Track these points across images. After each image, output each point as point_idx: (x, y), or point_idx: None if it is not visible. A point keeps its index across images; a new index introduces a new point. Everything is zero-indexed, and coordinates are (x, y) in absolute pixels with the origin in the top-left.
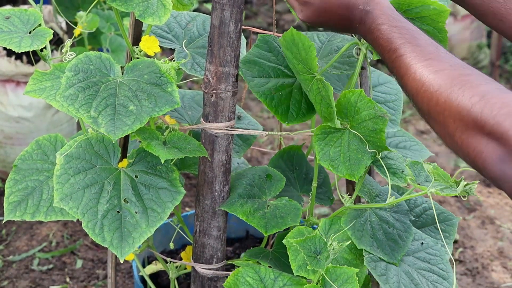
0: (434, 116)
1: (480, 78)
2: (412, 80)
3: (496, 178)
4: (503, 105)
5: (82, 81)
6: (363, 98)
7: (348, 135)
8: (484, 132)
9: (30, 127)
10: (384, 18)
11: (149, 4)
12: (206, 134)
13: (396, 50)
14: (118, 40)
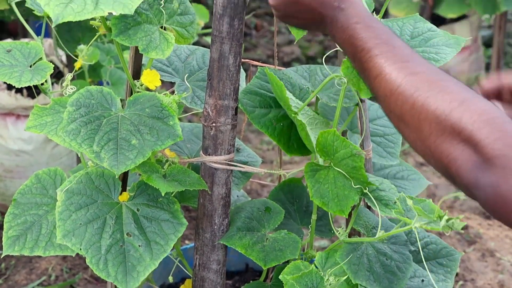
0: (408, 119)
1: (459, 85)
2: (386, 81)
3: (470, 186)
4: (482, 113)
5: (84, 115)
6: (338, 137)
7: (333, 172)
8: (460, 138)
9: (30, 160)
10: (359, 17)
11: (152, 38)
12: (206, 167)
13: (370, 49)
14: (118, 73)
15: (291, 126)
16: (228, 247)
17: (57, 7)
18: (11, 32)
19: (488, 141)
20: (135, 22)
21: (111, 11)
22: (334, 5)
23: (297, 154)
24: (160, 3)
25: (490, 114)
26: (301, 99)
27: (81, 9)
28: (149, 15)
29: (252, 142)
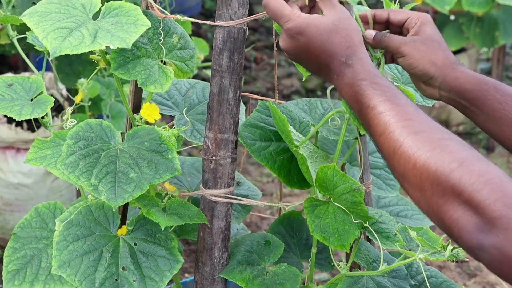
0: (411, 178)
1: (459, 144)
2: (389, 140)
3: (473, 248)
4: (481, 173)
5: (83, 148)
6: (338, 172)
7: (332, 208)
8: (461, 199)
9: (30, 194)
10: (365, 74)
11: (151, 72)
12: (206, 200)
13: (375, 107)
14: (118, 107)
15: (291, 159)
16: (228, 281)
17: (55, 40)
18: (12, 66)
19: (488, 202)
20: (134, 56)
21: (108, 45)
22: (341, 60)
23: (297, 187)
24: (160, 38)
25: (490, 175)
26: (302, 132)
27: (78, 43)
28: (148, 49)
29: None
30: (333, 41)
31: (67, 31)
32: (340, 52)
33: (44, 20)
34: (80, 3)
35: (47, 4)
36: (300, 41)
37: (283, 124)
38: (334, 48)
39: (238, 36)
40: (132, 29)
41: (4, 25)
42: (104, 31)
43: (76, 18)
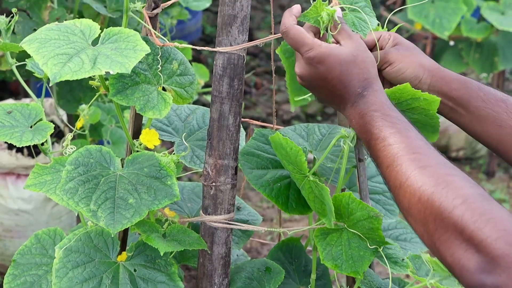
0: (415, 212)
1: (464, 180)
2: (396, 172)
3: (474, 287)
4: (484, 212)
5: (82, 174)
6: (354, 200)
7: (347, 234)
8: (463, 236)
9: (30, 220)
10: (378, 105)
11: (150, 98)
12: (206, 226)
13: (385, 138)
14: (118, 132)
15: (289, 186)
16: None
17: (55, 66)
18: (13, 92)
19: (490, 241)
20: (133, 82)
21: (108, 70)
22: (358, 91)
23: (296, 213)
24: (159, 64)
25: (492, 214)
26: None
27: (78, 68)
28: (147, 76)
29: (252, 199)
30: (351, 71)
31: (67, 57)
32: (357, 83)
33: (43, 47)
34: (79, 29)
35: (46, 31)
36: (319, 70)
37: (296, 155)
38: (352, 79)
39: (238, 62)
40: (132, 55)
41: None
42: (103, 57)
43: (76, 44)
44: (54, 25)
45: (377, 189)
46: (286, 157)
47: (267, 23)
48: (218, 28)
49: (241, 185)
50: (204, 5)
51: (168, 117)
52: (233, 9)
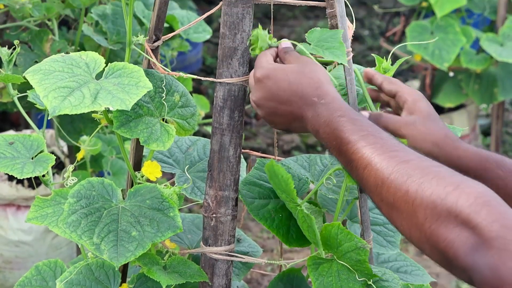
0: (401, 206)
1: (450, 171)
2: (376, 170)
3: (468, 268)
4: (478, 195)
5: (84, 207)
6: (343, 230)
7: (336, 266)
8: (457, 221)
9: (30, 251)
10: (342, 110)
11: (153, 130)
12: (206, 258)
13: (356, 141)
14: (119, 164)
15: (290, 218)
16: None
17: (55, 99)
18: (14, 123)
19: (485, 223)
20: (136, 115)
21: (108, 106)
22: (314, 100)
23: (296, 245)
24: (162, 96)
25: (486, 197)
26: (300, 189)
27: (78, 103)
28: (150, 108)
29: (252, 230)
30: (300, 81)
31: (68, 90)
32: (311, 93)
33: (46, 79)
34: (85, 62)
35: (51, 62)
36: (267, 85)
37: (287, 183)
38: (303, 89)
39: (239, 94)
40: (134, 91)
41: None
42: (105, 92)
43: (79, 78)
44: (59, 57)
45: (378, 220)
46: (278, 185)
47: None
48: (218, 60)
49: (241, 216)
50: (204, 37)
51: (169, 148)
52: (233, 42)
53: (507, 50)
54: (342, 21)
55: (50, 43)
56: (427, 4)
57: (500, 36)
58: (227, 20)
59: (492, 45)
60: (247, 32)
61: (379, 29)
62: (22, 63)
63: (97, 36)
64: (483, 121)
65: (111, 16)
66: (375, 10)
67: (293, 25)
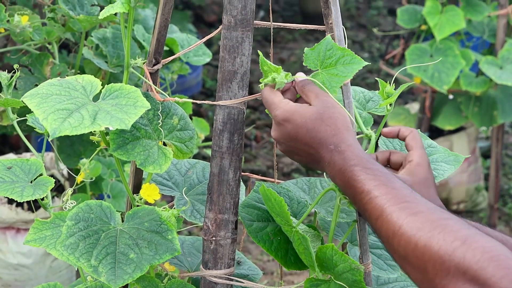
0: (412, 260)
1: (459, 223)
2: (387, 222)
3: None
4: (485, 250)
5: (82, 229)
6: (336, 252)
7: (334, 286)
8: (466, 277)
9: (29, 274)
10: (357, 160)
11: (150, 153)
12: (206, 281)
13: (369, 191)
14: (119, 186)
15: (288, 241)
16: None
17: (54, 121)
18: (13, 146)
19: (494, 280)
20: (134, 137)
21: (108, 126)
22: (330, 147)
23: (294, 268)
24: (160, 119)
25: (493, 252)
26: (299, 212)
27: (78, 124)
28: (148, 131)
29: (252, 253)
30: (318, 129)
31: (67, 112)
32: (328, 140)
33: (44, 102)
34: (81, 85)
35: (48, 86)
36: (287, 129)
37: (280, 206)
38: (321, 137)
39: (238, 117)
40: (132, 111)
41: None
42: (103, 113)
43: (77, 100)
44: (55, 81)
45: (379, 244)
46: (273, 208)
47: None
48: (218, 83)
49: (241, 238)
50: (204, 60)
51: (168, 171)
52: (233, 65)
53: (506, 73)
54: (340, 44)
55: (50, 67)
56: (426, 27)
57: (499, 59)
58: (227, 44)
59: (491, 68)
60: (247, 55)
61: (378, 52)
62: (23, 86)
63: (98, 59)
64: (483, 143)
65: (111, 39)
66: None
67: (293, 47)
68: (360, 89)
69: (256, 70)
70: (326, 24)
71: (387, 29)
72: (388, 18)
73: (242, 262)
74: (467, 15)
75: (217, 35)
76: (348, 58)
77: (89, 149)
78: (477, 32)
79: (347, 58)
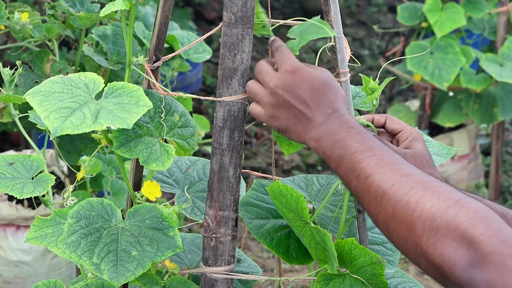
0: (400, 217)
1: (451, 187)
2: (379, 180)
3: (463, 283)
4: (477, 210)
5: (84, 227)
6: (356, 246)
7: (349, 280)
8: (455, 234)
9: (29, 271)
10: (353, 124)
11: (153, 150)
12: (206, 278)
13: (364, 151)
14: (119, 183)
15: (289, 236)
16: None
17: (56, 120)
18: (13, 143)
19: (483, 238)
20: (136, 135)
21: (109, 125)
22: (328, 111)
23: (296, 263)
24: (161, 116)
25: (485, 213)
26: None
27: (80, 123)
28: (150, 128)
29: (253, 250)
30: (323, 91)
31: (69, 111)
32: (328, 104)
33: (46, 100)
34: (84, 83)
35: (50, 83)
36: (292, 79)
37: (297, 202)
38: (323, 98)
39: (238, 114)
40: (134, 110)
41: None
42: (105, 112)
43: (79, 98)
44: (58, 78)
45: (377, 239)
46: (286, 205)
47: None
48: (218, 80)
49: (241, 236)
50: (204, 57)
51: (169, 168)
52: (233, 62)
53: (506, 70)
54: (340, 41)
55: (50, 64)
56: (426, 24)
57: (499, 57)
58: (227, 41)
59: (491, 65)
60: (247, 52)
61: (378, 49)
62: (23, 83)
63: (98, 56)
64: (483, 140)
65: (112, 36)
66: (374, 30)
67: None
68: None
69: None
70: (326, 21)
71: (387, 26)
72: (388, 15)
73: (242, 260)
74: (468, 12)
75: (217, 32)
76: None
77: (89, 146)
78: (478, 29)
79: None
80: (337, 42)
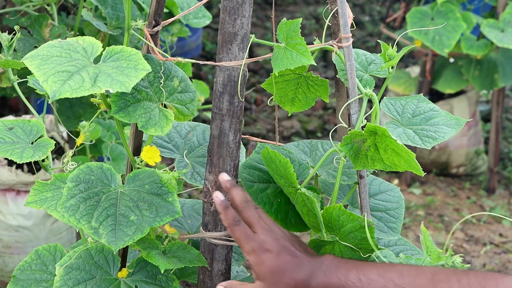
0: None
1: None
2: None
3: None
4: None
5: (83, 191)
6: (344, 212)
7: (339, 247)
8: None
9: (29, 236)
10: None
11: (151, 115)
12: (206, 243)
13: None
14: (118, 149)
15: (289, 202)
16: None
17: (55, 83)
18: (13, 108)
19: None
20: (135, 100)
21: (108, 89)
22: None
23: (295, 230)
24: (160, 82)
25: None
26: (300, 174)
27: (78, 86)
28: (149, 93)
29: None
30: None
31: (68, 74)
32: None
33: (45, 64)
34: (82, 47)
35: (48, 47)
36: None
37: (285, 167)
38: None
39: (239, 79)
40: (133, 74)
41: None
42: (104, 75)
43: (77, 62)
44: (56, 42)
45: (380, 206)
46: (276, 171)
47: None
48: (218, 45)
49: None
50: (204, 23)
51: (169, 134)
52: (233, 27)
53: (507, 36)
54: (342, 6)
55: (49, 28)
56: None
57: (500, 22)
58: (227, 5)
59: (492, 31)
60: (247, 17)
61: (379, 15)
62: (21, 48)
63: (97, 21)
64: (483, 107)
65: (111, 1)
66: None
67: (294, 10)
68: (362, 51)
69: (256, 33)
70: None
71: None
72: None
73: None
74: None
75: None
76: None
77: (89, 112)
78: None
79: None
80: (340, 6)
